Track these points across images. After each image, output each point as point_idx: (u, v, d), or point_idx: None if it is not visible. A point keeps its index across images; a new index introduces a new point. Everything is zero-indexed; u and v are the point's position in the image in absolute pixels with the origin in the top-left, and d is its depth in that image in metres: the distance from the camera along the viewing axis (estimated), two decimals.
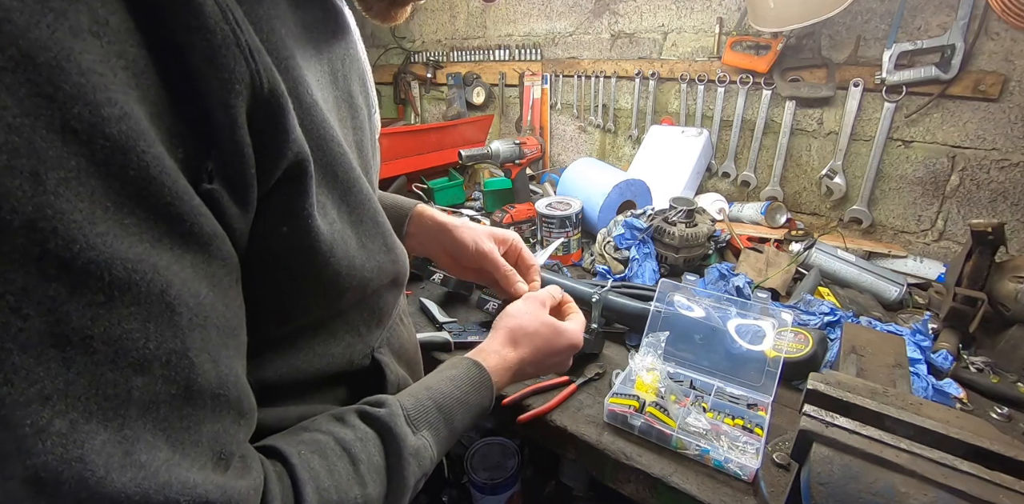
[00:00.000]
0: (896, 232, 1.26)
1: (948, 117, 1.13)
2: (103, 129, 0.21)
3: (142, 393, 0.23)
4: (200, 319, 0.26)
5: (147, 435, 0.24)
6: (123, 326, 0.22)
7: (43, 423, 0.20)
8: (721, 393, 0.73)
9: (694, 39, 1.45)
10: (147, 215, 0.23)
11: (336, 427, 0.38)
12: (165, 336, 0.24)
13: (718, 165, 1.48)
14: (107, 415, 0.22)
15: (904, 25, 1.12)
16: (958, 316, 0.85)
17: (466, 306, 1.02)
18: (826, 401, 0.49)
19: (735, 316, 0.77)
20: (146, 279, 0.23)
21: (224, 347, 0.28)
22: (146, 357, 0.23)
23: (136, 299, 0.23)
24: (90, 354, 0.21)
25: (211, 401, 0.27)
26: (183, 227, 0.24)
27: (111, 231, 0.22)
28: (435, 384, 0.47)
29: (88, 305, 0.21)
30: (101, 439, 0.22)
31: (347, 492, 0.35)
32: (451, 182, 1.58)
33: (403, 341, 0.52)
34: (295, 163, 0.30)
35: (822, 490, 0.42)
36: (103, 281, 0.21)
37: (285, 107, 0.29)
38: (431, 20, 2.08)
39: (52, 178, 0.20)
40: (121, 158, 0.21)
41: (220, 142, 0.26)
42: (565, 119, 1.82)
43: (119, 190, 0.22)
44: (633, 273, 1.06)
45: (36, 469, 0.20)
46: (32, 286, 0.20)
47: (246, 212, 0.29)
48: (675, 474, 0.62)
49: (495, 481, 1.02)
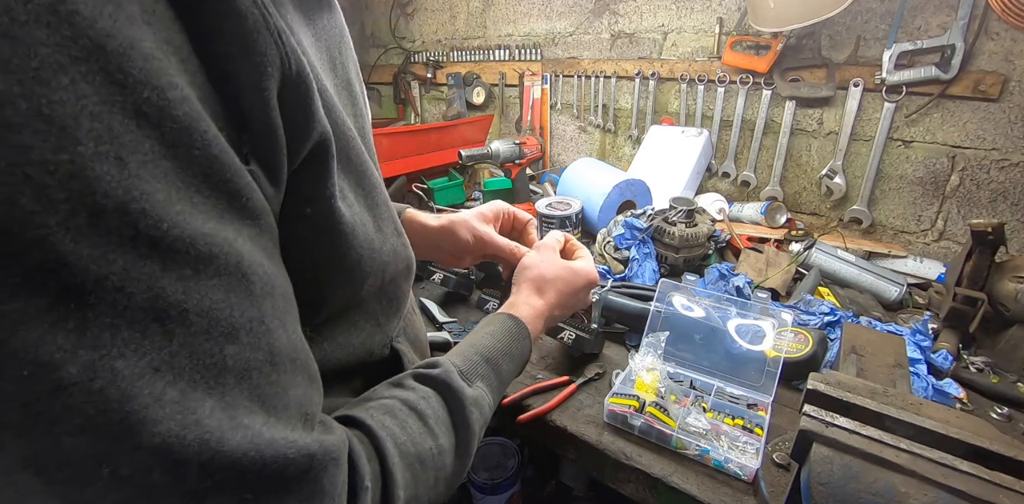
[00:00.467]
0: (896, 232, 1.26)
1: (948, 117, 1.13)
2: (170, 112, 0.22)
3: (235, 361, 0.25)
4: (268, 288, 0.27)
5: (244, 401, 0.25)
6: (211, 297, 0.24)
7: (158, 392, 0.22)
8: (721, 393, 0.73)
9: (694, 39, 1.45)
10: (211, 192, 0.24)
11: (397, 391, 0.41)
12: (245, 305, 0.25)
13: (718, 165, 1.48)
14: (209, 383, 0.24)
15: (904, 25, 1.12)
16: (958, 316, 0.85)
17: (466, 306, 1.02)
18: (826, 401, 0.49)
19: (735, 316, 0.77)
20: (223, 251, 0.24)
21: (288, 314, 0.29)
22: (233, 326, 0.25)
23: (217, 271, 0.24)
24: (187, 326, 0.23)
25: (290, 365, 0.28)
26: (240, 202, 0.26)
27: (186, 209, 0.23)
28: (477, 340, 0.51)
29: (180, 280, 0.22)
30: (209, 405, 0.23)
31: (421, 444, 0.38)
32: (451, 182, 1.58)
33: (417, 331, 0.54)
34: (319, 143, 0.31)
35: (822, 490, 0.42)
36: (189, 256, 0.23)
37: (311, 88, 0.29)
38: (431, 20, 2.08)
39: (133, 162, 0.21)
40: (187, 139, 0.23)
41: (254, 124, 0.27)
42: (565, 119, 1.82)
43: (187, 170, 0.23)
44: (633, 273, 1.06)
45: (162, 436, 0.22)
46: (131, 265, 0.21)
47: (277, 192, 0.30)
48: (675, 474, 0.62)
49: (495, 481, 1.02)
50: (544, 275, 0.62)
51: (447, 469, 0.40)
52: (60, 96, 0.19)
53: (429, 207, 1.51)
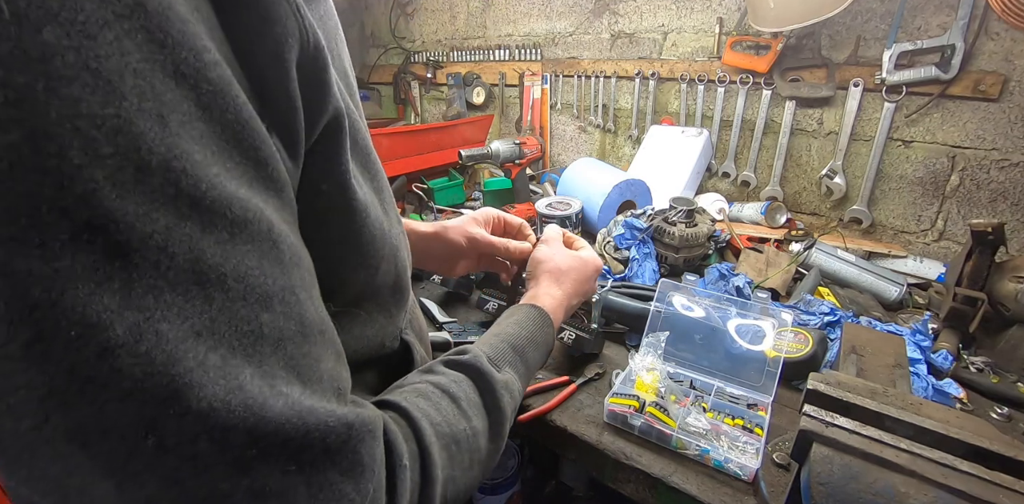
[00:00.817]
0: (896, 232, 1.26)
1: (948, 117, 1.13)
2: (205, 74, 0.22)
3: (270, 329, 0.25)
4: (296, 259, 0.27)
5: (281, 371, 0.25)
6: (247, 263, 0.24)
7: (202, 357, 0.22)
8: (721, 393, 0.73)
9: (694, 39, 1.45)
10: (242, 159, 0.24)
11: (428, 376, 0.42)
12: (276, 273, 0.25)
13: (718, 165, 1.48)
14: (247, 351, 0.24)
15: (904, 25, 1.12)
16: (958, 316, 0.85)
17: (466, 306, 1.02)
18: (826, 401, 0.49)
19: (735, 316, 0.77)
20: (256, 217, 0.24)
21: (314, 287, 0.29)
22: (268, 293, 0.25)
23: (251, 237, 0.24)
24: (226, 291, 0.23)
25: (319, 337, 0.28)
26: (266, 171, 0.25)
27: (222, 173, 0.23)
28: (503, 329, 0.53)
29: (218, 243, 0.22)
30: (248, 372, 0.23)
31: (455, 425, 0.38)
32: (451, 182, 1.58)
33: (421, 323, 0.54)
34: (334, 118, 0.31)
35: (822, 490, 0.42)
36: (226, 219, 0.23)
37: (327, 62, 0.29)
38: (431, 20, 2.08)
39: (174, 121, 0.21)
40: (221, 102, 0.23)
41: (275, 97, 0.27)
42: (565, 119, 1.82)
43: (220, 134, 0.23)
44: (633, 273, 1.06)
45: (208, 400, 0.22)
46: (173, 225, 0.21)
47: (296, 167, 0.30)
48: (675, 474, 0.62)
49: (495, 481, 1.02)
50: (560, 266, 0.65)
51: (481, 451, 0.41)
52: (106, 51, 0.19)
53: (429, 207, 1.51)
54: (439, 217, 1.48)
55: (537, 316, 0.56)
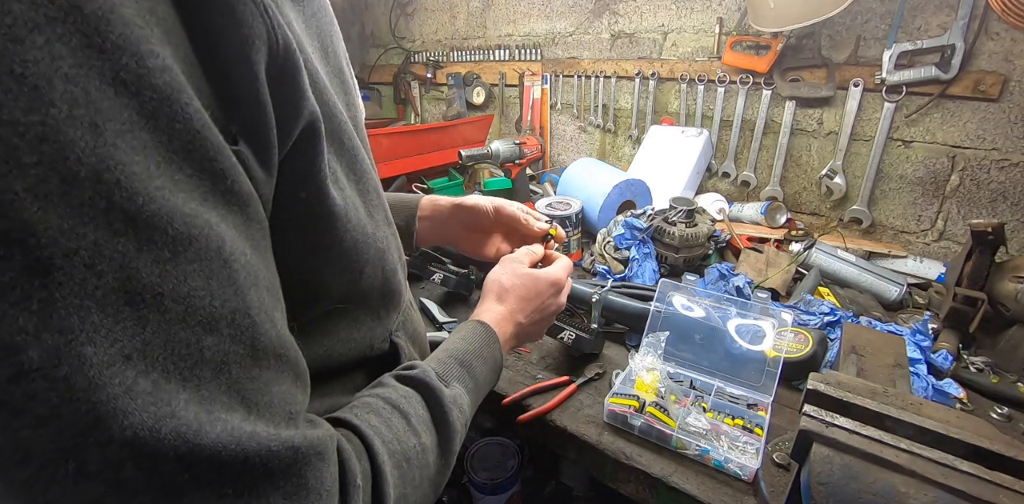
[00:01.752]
0: (896, 232, 1.26)
1: (948, 117, 1.13)
2: (149, 80, 0.21)
3: (213, 353, 0.23)
4: (253, 279, 0.26)
5: (223, 396, 0.24)
6: (189, 283, 0.22)
7: (129, 382, 0.20)
8: (721, 393, 0.73)
9: (694, 39, 1.45)
10: (193, 171, 0.23)
11: (379, 390, 0.41)
12: (227, 294, 0.24)
13: (718, 165, 1.48)
14: (184, 375, 0.22)
15: (904, 25, 1.12)
16: (958, 316, 0.85)
17: (466, 306, 1.02)
18: (826, 401, 0.49)
19: (735, 316, 0.77)
20: (204, 234, 0.23)
21: (275, 309, 0.28)
22: (213, 315, 0.23)
23: (197, 255, 0.23)
24: (162, 313, 0.21)
25: (275, 361, 0.27)
26: (224, 185, 0.24)
27: (166, 186, 0.21)
28: (449, 345, 0.51)
29: (156, 261, 0.21)
30: (183, 398, 0.22)
31: (406, 442, 0.37)
32: (451, 182, 1.58)
33: (416, 325, 0.54)
34: (309, 123, 0.30)
35: (822, 490, 0.42)
36: (167, 235, 0.21)
37: (299, 65, 0.29)
38: (431, 20, 2.08)
39: (110, 130, 0.20)
40: (168, 111, 0.21)
41: (243, 101, 0.26)
42: (565, 119, 1.82)
43: (167, 144, 0.22)
44: (633, 273, 1.06)
45: (134, 428, 0.20)
46: (103, 241, 0.20)
47: (269, 176, 0.29)
48: (675, 474, 0.62)
49: (495, 481, 1.02)
50: (503, 283, 0.62)
51: (431, 468, 0.40)
52: (34, 55, 0.18)
53: None
54: None
55: (482, 331, 0.54)
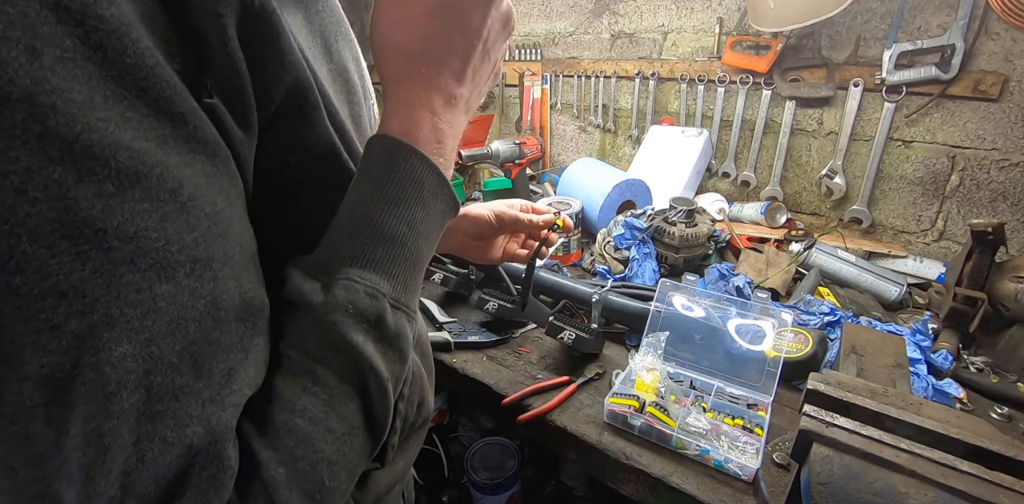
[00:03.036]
0: (896, 232, 1.26)
1: (948, 117, 1.13)
2: (96, 10, 0.20)
3: (168, 304, 0.22)
4: (220, 229, 0.24)
5: (173, 357, 0.22)
6: (138, 223, 0.21)
7: (58, 320, 0.19)
8: (721, 393, 0.73)
9: (694, 39, 1.45)
10: (149, 112, 0.22)
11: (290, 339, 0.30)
12: (186, 240, 0.22)
13: (718, 165, 1.48)
14: (132, 325, 0.21)
15: (904, 25, 1.12)
16: (958, 316, 0.85)
17: (466, 306, 1.02)
18: (826, 401, 0.49)
19: (735, 316, 0.77)
20: (155, 173, 0.21)
21: (246, 269, 0.26)
22: (168, 261, 0.22)
23: (148, 194, 0.21)
24: (106, 251, 0.20)
25: (237, 326, 0.25)
26: (186, 129, 0.23)
27: (112, 119, 0.20)
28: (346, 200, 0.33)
29: (97, 195, 0.20)
30: (122, 351, 0.21)
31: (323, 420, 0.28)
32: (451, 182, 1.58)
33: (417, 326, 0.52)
34: (295, 87, 0.29)
35: (822, 490, 0.42)
36: (109, 168, 0.20)
37: (279, 25, 0.28)
38: None
39: (48, 55, 0.19)
40: (116, 43, 0.20)
41: (213, 55, 0.25)
42: (565, 119, 1.82)
43: (117, 79, 0.21)
44: (633, 273, 1.06)
45: (51, 368, 0.19)
46: (36, 167, 0.19)
47: (249, 137, 0.28)
48: (675, 474, 0.62)
49: (495, 481, 1.02)
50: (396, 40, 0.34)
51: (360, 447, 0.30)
52: None
53: None
54: None
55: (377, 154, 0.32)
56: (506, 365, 0.83)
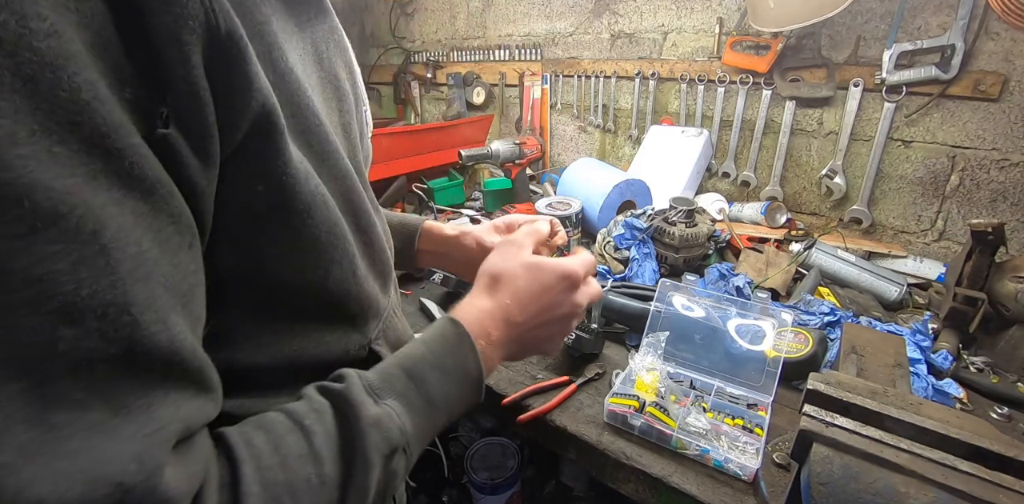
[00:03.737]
0: (896, 232, 1.26)
1: (948, 117, 1.13)
2: (30, 42, 0.19)
3: (70, 347, 0.21)
4: (143, 273, 0.23)
5: (77, 393, 0.21)
6: (46, 265, 0.20)
7: None
8: (721, 393, 0.73)
9: (694, 39, 1.45)
10: (80, 147, 0.21)
11: (290, 403, 0.35)
12: (101, 284, 0.22)
13: (718, 165, 1.48)
14: (23, 366, 0.20)
15: (904, 25, 1.12)
16: (958, 316, 0.85)
17: None
18: (826, 401, 0.49)
19: (735, 316, 0.77)
20: (75, 214, 0.21)
21: (174, 312, 0.25)
22: (76, 306, 0.21)
23: (63, 236, 0.20)
24: (7, 293, 0.19)
25: (163, 368, 0.24)
26: (120, 165, 0.22)
27: (35, 156, 0.19)
28: (406, 349, 0.42)
29: (5, 236, 0.19)
30: (14, 388, 0.20)
31: (296, 471, 0.30)
32: (451, 182, 1.58)
33: (399, 334, 0.52)
34: (261, 115, 0.29)
35: (822, 490, 0.42)
36: (22, 208, 0.19)
37: (246, 52, 0.27)
38: (431, 20, 2.08)
39: None
40: (50, 76, 0.20)
41: (174, 83, 0.24)
42: (565, 119, 1.82)
43: (48, 113, 0.20)
44: (633, 273, 1.06)
45: None
46: None
47: (208, 166, 0.27)
48: (675, 474, 0.62)
49: (495, 481, 1.02)
50: (495, 271, 0.49)
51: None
52: None
53: (429, 207, 1.51)
54: (438, 217, 1.48)
55: (451, 333, 0.42)
56: (506, 365, 0.83)
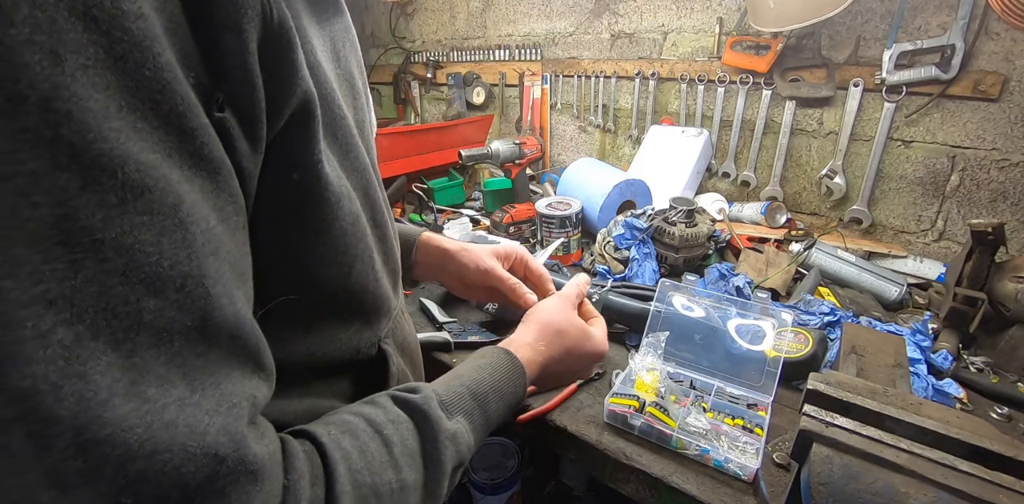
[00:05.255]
0: (896, 232, 1.26)
1: (948, 117, 1.13)
2: (122, 22, 0.20)
3: (154, 318, 0.22)
4: (212, 248, 0.24)
5: (159, 368, 0.22)
6: (135, 235, 0.21)
7: (45, 328, 0.19)
8: (721, 393, 0.73)
9: (694, 39, 1.45)
10: (159, 124, 0.22)
11: (366, 409, 0.37)
12: (179, 256, 0.22)
13: (718, 165, 1.48)
14: (116, 336, 0.20)
15: (904, 25, 1.12)
16: (958, 316, 0.85)
17: (466, 306, 1.02)
18: (826, 401, 0.49)
19: (735, 316, 0.77)
20: (159, 187, 0.22)
21: (237, 288, 0.26)
22: (159, 276, 0.22)
23: (149, 207, 0.21)
24: (100, 262, 0.20)
25: (228, 343, 0.25)
26: (192, 145, 0.23)
27: (125, 130, 0.20)
28: (466, 372, 0.47)
29: (100, 205, 0.20)
30: (106, 360, 0.20)
31: (381, 475, 0.33)
32: (451, 182, 1.58)
33: (405, 334, 0.53)
34: (303, 103, 0.30)
35: (822, 490, 0.42)
36: (116, 179, 0.20)
37: (295, 42, 0.28)
38: (431, 20, 2.08)
39: (71, 61, 0.19)
40: (138, 56, 0.21)
41: (231, 69, 0.25)
42: (565, 119, 1.82)
43: (134, 90, 0.21)
44: (633, 273, 1.06)
45: (35, 379, 0.18)
46: (42, 171, 0.18)
47: (255, 151, 0.28)
48: (675, 474, 0.62)
49: (495, 481, 1.02)
50: (556, 324, 0.58)
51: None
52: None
53: (429, 207, 1.51)
54: (438, 217, 1.48)
55: (508, 364, 0.49)
56: None
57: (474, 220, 1.43)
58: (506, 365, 0.49)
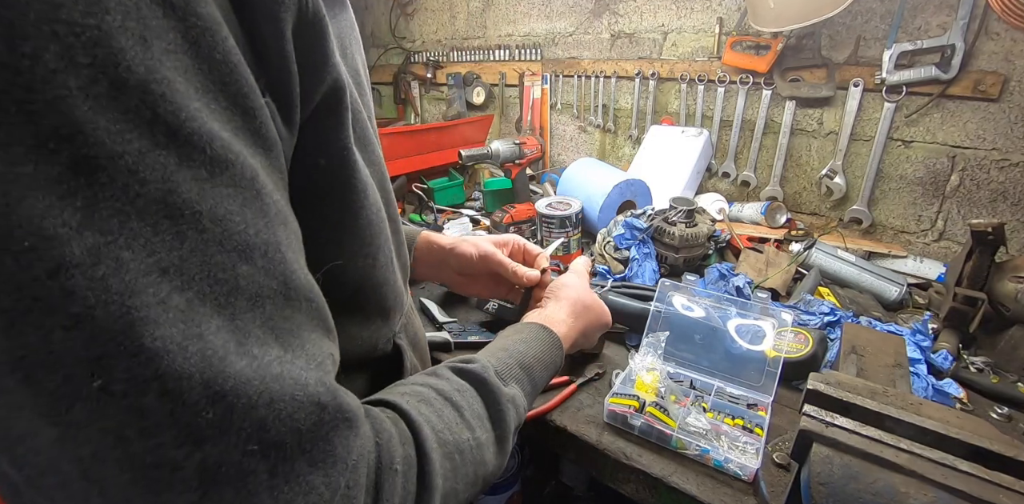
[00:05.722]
0: (896, 232, 1.26)
1: (948, 117, 1.13)
2: (195, 8, 0.21)
3: (248, 283, 0.23)
4: (282, 218, 0.26)
5: (257, 330, 0.23)
6: (225, 206, 0.22)
7: (163, 295, 0.20)
8: (721, 393, 0.73)
9: (694, 39, 1.45)
10: (228, 103, 0.23)
11: (431, 380, 0.40)
12: (260, 225, 0.24)
13: (718, 165, 1.48)
14: (219, 301, 0.22)
15: (904, 25, 1.12)
16: (958, 316, 0.85)
17: (466, 306, 1.02)
18: (826, 401, 0.49)
19: (735, 316, 0.77)
20: (239, 161, 0.23)
21: (302, 254, 0.28)
22: (248, 243, 0.23)
23: (233, 180, 0.23)
24: (200, 232, 0.21)
25: (306, 306, 0.27)
26: (253, 124, 0.25)
27: (203, 108, 0.22)
28: (510, 345, 0.51)
29: (195, 179, 0.21)
30: (216, 323, 0.22)
31: (459, 434, 0.36)
32: (451, 182, 1.58)
33: (416, 329, 0.53)
34: (332, 90, 0.31)
35: (822, 490, 0.42)
36: (205, 155, 0.22)
37: (326, 31, 0.29)
38: (431, 20, 2.08)
39: (157, 46, 0.20)
40: (209, 40, 0.22)
41: (270, 57, 0.26)
42: (565, 119, 1.82)
43: (207, 73, 0.22)
44: (633, 273, 1.06)
45: (164, 340, 0.20)
46: (146, 150, 0.20)
47: (291, 135, 0.29)
48: (675, 474, 0.62)
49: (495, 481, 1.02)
50: (585, 301, 0.63)
51: (487, 466, 0.39)
52: None
53: (429, 207, 1.51)
54: (438, 217, 1.48)
55: (547, 337, 0.55)
56: None
57: (474, 220, 1.43)
58: (545, 338, 0.54)
